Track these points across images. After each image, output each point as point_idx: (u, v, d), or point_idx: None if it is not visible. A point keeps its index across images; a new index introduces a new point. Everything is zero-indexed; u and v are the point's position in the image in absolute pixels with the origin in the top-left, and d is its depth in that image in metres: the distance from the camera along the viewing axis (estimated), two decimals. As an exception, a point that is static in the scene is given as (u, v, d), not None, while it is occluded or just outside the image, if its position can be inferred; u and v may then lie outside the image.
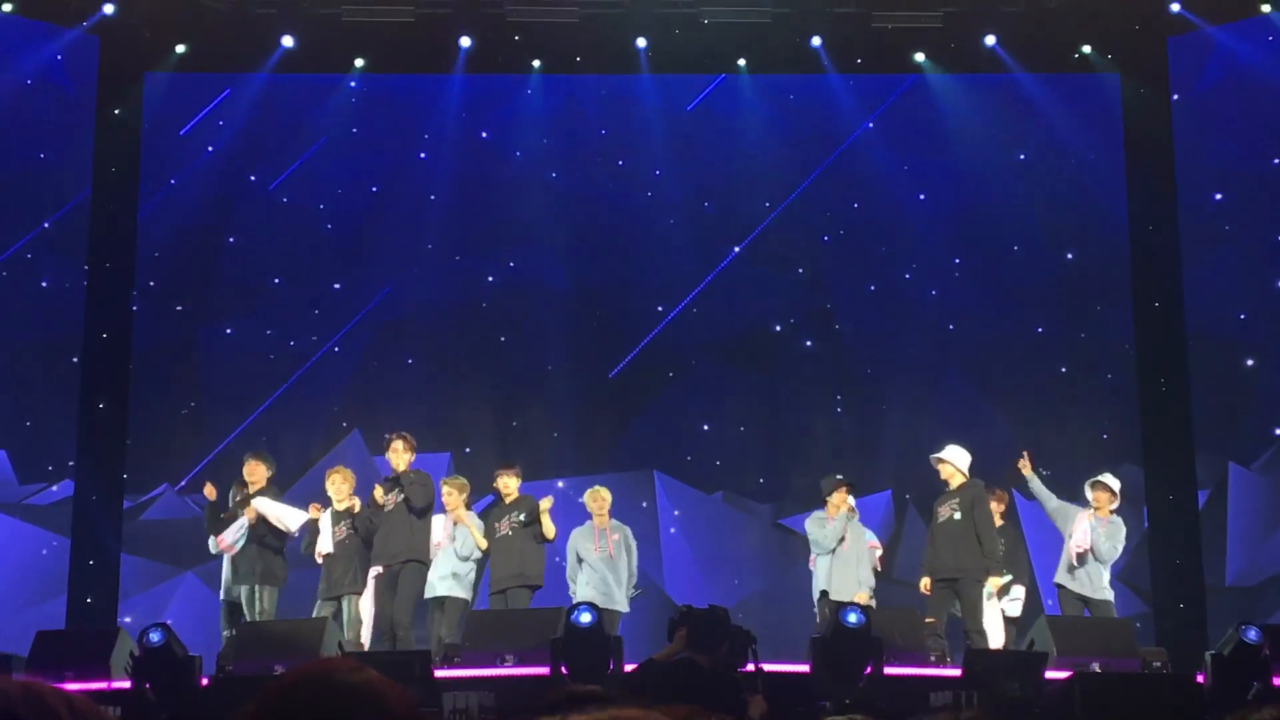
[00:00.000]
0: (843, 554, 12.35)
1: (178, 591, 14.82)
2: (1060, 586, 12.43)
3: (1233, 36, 15.25)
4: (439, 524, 12.18)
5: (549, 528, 12.14)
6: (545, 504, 12.12)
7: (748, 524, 15.31)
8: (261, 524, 12.11)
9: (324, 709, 1.75)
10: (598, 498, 12.54)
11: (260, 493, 12.29)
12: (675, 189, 15.82)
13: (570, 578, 12.43)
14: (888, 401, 15.45)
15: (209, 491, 12.52)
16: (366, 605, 11.90)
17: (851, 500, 12.57)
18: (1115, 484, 12.42)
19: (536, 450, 15.10)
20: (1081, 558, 12.16)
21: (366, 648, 11.46)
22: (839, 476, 12.67)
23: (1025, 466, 12.61)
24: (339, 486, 12.21)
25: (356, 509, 12.12)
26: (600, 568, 12.27)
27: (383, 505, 12.02)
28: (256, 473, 12.40)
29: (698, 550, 15.37)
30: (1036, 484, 12.59)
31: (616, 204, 15.87)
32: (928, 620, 11.79)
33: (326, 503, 12.25)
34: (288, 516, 12.18)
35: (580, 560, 12.38)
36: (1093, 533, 12.14)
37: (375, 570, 11.92)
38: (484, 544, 12.11)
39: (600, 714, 1.98)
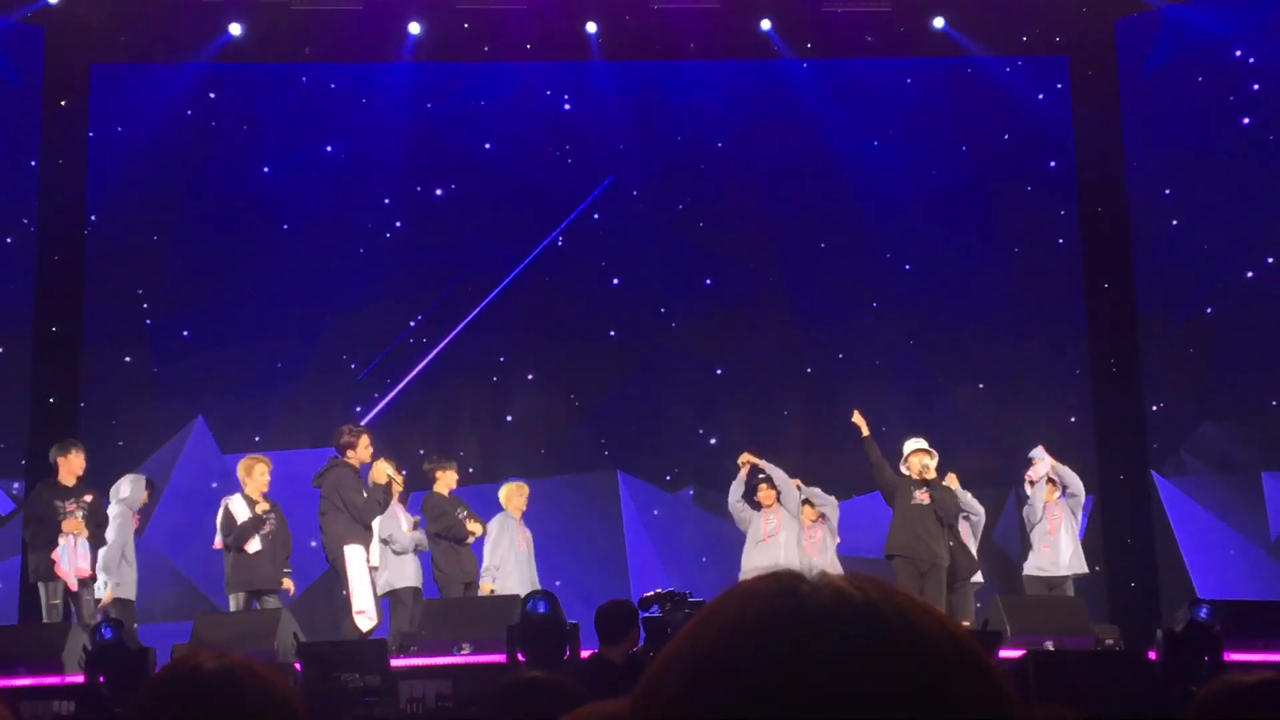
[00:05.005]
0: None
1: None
2: (1026, 577, 12.54)
3: (1180, 17, 15.33)
4: (399, 511, 12.12)
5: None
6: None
7: (716, 522, 15.01)
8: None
9: (191, 697, 1.90)
10: (524, 493, 12.67)
11: None
12: (627, 175, 15.78)
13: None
14: (844, 390, 15.36)
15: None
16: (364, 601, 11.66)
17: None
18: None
19: (490, 451, 15.07)
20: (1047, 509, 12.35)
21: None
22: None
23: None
24: (259, 480, 11.84)
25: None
26: (524, 563, 12.42)
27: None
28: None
29: (664, 551, 15.22)
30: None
31: (567, 191, 15.81)
32: None
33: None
34: None
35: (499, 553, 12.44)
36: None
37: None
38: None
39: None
